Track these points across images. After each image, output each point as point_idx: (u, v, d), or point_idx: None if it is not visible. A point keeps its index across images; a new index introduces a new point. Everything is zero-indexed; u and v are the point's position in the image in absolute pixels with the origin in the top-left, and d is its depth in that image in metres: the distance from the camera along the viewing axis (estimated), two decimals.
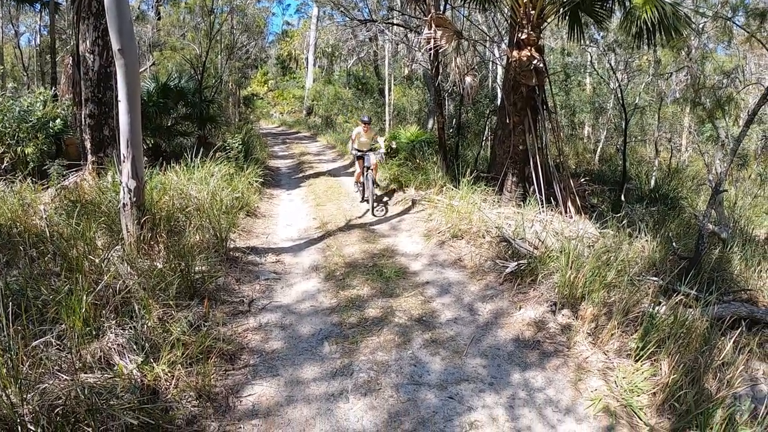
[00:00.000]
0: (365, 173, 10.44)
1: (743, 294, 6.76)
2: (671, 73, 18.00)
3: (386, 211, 10.25)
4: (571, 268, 5.71)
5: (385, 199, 11.40)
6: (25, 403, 3.15)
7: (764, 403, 4.23)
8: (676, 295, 5.35)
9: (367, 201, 10.32)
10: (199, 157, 9.57)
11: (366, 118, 10.83)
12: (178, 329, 4.35)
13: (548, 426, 3.96)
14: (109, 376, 3.66)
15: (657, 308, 5.12)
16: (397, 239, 8.34)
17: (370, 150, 10.68)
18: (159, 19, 30.46)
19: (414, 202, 10.43)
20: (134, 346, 4.04)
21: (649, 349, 4.68)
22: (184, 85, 12.77)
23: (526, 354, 4.94)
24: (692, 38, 17.07)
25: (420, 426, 3.82)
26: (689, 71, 16.99)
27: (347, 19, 22.69)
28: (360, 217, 9.70)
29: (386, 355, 4.73)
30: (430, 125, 19.19)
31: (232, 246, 7.14)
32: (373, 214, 9.84)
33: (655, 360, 4.62)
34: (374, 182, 10.45)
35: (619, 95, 15.71)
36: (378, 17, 18.93)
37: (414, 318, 5.50)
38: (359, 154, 10.62)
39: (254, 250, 7.38)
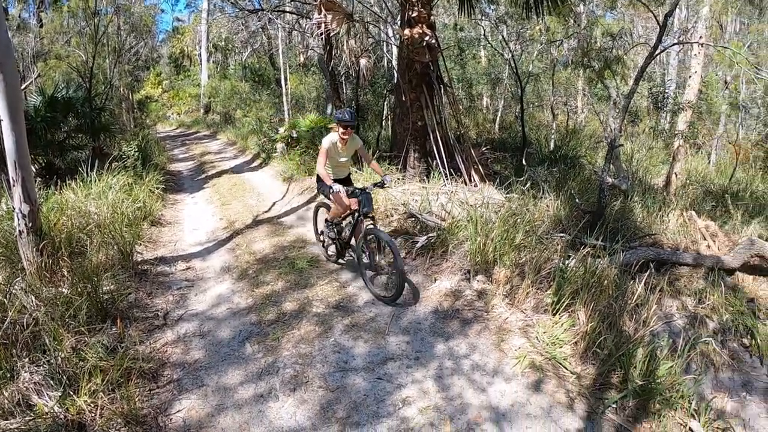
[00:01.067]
0: (360, 224, 5.88)
1: (648, 239, 7.13)
2: (561, 40, 18.60)
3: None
4: (480, 234, 5.83)
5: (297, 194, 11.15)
6: None
7: (681, 336, 4.49)
8: (584, 248, 5.59)
9: (375, 272, 5.78)
10: (95, 170, 9.04)
11: (347, 116, 5.75)
12: (94, 355, 4.12)
13: (479, 390, 4.04)
14: (30, 418, 3.47)
15: (567, 262, 5.31)
16: (305, 228, 8.24)
17: (348, 178, 6.42)
18: (41, 26, 28.56)
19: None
20: (51, 382, 3.82)
21: (564, 301, 4.86)
22: (73, 95, 11.96)
23: (447, 324, 5.01)
24: (579, 5, 17.71)
25: (353, 411, 3.81)
26: (578, 36, 17.61)
27: (237, 10, 22.16)
28: (266, 212, 9.51)
29: (309, 347, 4.68)
30: (329, 111, 19.06)
31: (139, 259, 6.83)
32: (393, 303, 5.42)
33: (571, 311, 4.81)
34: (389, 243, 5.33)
35: (514, 65, 16.12)
36: (268, 6, 18.55)
37: (332, 305, 5.48)
38: (334, 186, 5.53)
39: (163, 260, 7.07)
